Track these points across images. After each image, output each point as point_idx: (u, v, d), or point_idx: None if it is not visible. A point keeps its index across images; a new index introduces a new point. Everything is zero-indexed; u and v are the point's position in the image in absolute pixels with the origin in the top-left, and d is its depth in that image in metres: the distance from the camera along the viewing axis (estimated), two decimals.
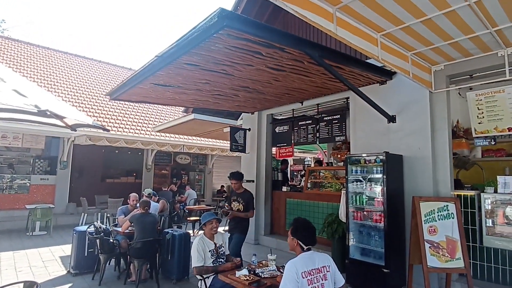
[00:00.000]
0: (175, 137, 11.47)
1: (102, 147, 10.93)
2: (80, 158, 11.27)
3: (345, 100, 5.35)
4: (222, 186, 14.01)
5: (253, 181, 6.71)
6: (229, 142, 7.19)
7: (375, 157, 4.28)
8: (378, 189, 4.24)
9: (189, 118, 7.36)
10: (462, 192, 4.10)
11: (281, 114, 6.72)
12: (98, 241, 5.21)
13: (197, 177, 14.15)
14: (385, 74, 4.57)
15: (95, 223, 5.51)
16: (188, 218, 8.91)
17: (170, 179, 13.60)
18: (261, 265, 3.50)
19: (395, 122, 4.54)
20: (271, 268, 3.34)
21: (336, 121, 5.45)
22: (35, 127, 8.89)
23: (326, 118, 5.61)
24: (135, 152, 12.35)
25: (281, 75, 4.26)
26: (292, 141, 6.25)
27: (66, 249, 6.89)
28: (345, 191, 4.61)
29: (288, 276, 2.33)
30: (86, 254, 5.53)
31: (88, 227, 5.57)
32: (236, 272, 3.25)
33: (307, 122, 5.96)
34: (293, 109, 6.20)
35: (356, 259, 4.33)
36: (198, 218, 8.96)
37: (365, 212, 4.38)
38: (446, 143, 4.17)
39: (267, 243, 6.28)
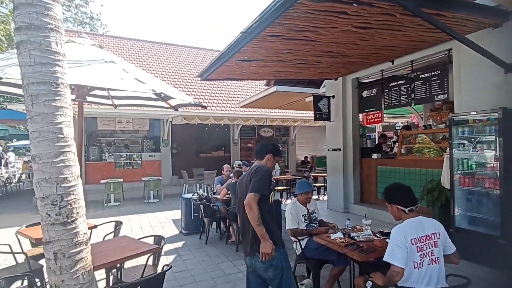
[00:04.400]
0: (258, 111, 11.89)
1: (194, 126, 12.07)
2: (177, 136, 12.71)
3: (447, 52, 4.67)
4: (306, 157, 14.10)
5: (339, 149, 6.57)
6: (311, 112, 7.11)
7: (488, 114, 3.71)
8: (491, 151, 3.70)
9: (271, 91, 7.50)
10: None
11: (368, 77, 6.28)
12: (201, 206, 5.94)
13: (280, 149, 14.52)
14: (499, 16, 3.80)
15: (198, 191, 6.28)
16: (275, 188, 9.32)
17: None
18: (355, 229, 3.50)
19: None
20: (366, 233, 3.32)
21: (436, 77, 4.83)
22: (142, 111, 10.32)
23: (422, 76, 5.03)
24: (222, 128, 13.29)
25: (368, 33, 3.95)
26: (382, 105, 5.82)
27: (176, 214, 8.04)
28: (448, 156, 4.16)
29: (396, 242, 2.28)
30: (192, 218, 6.38)
31: (192, 195, 6.38)
32: (331, 235, 3.34)
33: (400, 82, 5.44)
34: (382, 70, 5.72)
35: (463, 228, 3.95)
36: (284, 187, 9.31)
37: (474, 178, 3.90)
38: None
39: (357, 211, 6.18)
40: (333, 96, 6.77)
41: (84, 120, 11.53)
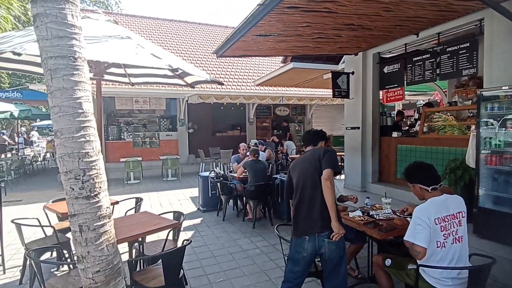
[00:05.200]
0: (274, 89, 11.71)
1: (210, 105, 12.05)
2: (193, 115, 12.77)
3: (478, 23, 4.35)
4: None
5: (358, 127, 6.41)
6: (328, 90, 6.90)
7: None
8: None
9: (288, 68, 7.31)
10: None
11: (390, 52, 5.98)
12: (218, 184, 6.02)
13: (296, 128, 14.37)
14: None
15: (215, 169, 6.34)
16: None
17: (271, 131, 14.26)
18: (374, 208, 3.45)
19: None
20: (386, 211, 3.27)
21: (464, 50, 4.54)
22: (158, 90, 10.35)
23: (449, 49, 4.73)
24: (237, 107, 13.23)
25: (393, 2, 3.71)
26: (405, 81, 5.56)
27: (194, 191, 8.21)
28: (475, 133, 3.97)
29: (419, 221, 2.22)
30: (210, 195, 6.50)
31: (210, 173, 6.46)
32: (349, 213, 3.30)
33: (424, 56, 5.15)
34: (405, 44, 5.42)
35: (488, 208, 3.83)
36: None
37: (502, 157, 3.72)
38: None
39: (375, 190, 6.10)
40: (353, 73, 6.53)
41: (102, 99, 11.68)
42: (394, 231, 2.83)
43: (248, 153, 6.26)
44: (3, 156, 12.27)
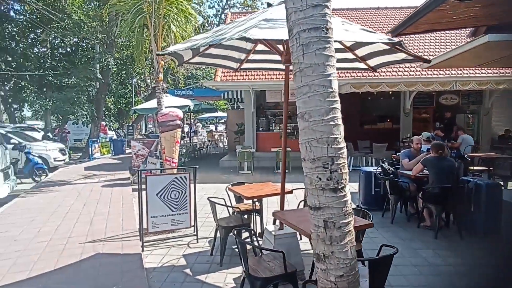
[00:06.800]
0: (442, 73, 9.74)
1: (358, 95, 11.14)
2: (340, 106, 12.17)
3: None
4: (508, 131, 10.79)
5: None
6: None
7: None
8: None
9: (479, 42, 5.68)
10: None
11: None
12: (387, 182, 5.32)
13: (469, 120, 11.69)
14: None
15: (383, 164, 5.64)
16: (470, 168, 7.51)
17: (432, 123, 12.10)
18: None
19: None
20: None
21: None
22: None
23: None
24: (388, 97, 11.82)
25: None
26: None
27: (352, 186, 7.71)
28: None
29: None
30: (373, 193, 5.86)
31: (376, 168, 5.81)
32: None
33: None
34: None
35: None
36: (485, 168, 7.39)
37: None
38: None
39: None
40: None
41: (254, 93, 12.48)
42: None
43: (424, 149, 5.30)
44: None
